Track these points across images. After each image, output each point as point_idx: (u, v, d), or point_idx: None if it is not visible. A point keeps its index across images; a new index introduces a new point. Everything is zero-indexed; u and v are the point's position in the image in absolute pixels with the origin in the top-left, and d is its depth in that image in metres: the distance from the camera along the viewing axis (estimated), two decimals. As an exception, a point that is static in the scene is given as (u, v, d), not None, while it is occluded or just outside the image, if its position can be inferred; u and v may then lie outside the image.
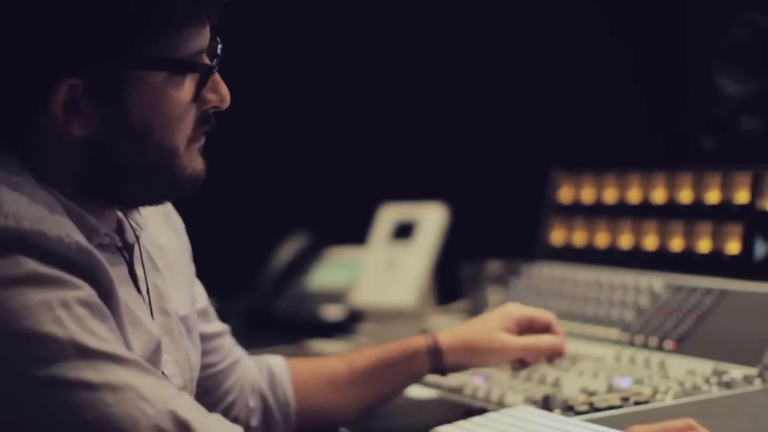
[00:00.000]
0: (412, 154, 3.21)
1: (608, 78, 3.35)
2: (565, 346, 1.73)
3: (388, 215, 2.79)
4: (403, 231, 2.74)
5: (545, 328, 1.74)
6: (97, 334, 1.21)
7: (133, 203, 1.42)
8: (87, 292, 1.24)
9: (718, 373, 1.71)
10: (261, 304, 2.78)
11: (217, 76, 1.37)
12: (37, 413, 1.18)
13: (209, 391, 1.64)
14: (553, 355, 1.73)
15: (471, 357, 1.71)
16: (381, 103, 3.21)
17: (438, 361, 1.70)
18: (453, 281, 2.60)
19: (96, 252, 1.27)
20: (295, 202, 3.11)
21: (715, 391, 1.64)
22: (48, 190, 1.30)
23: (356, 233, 2.87)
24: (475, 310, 2.44)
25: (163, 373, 1.41)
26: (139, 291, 1.42)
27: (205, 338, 1.60)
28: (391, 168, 3.18)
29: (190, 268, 1.59)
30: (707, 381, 1.68)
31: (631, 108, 3.39)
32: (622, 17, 3.43)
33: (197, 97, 1.34)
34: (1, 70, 1.31)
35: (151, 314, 1.42)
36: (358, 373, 1.72)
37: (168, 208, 1.58)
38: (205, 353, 1.59)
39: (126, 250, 1.42)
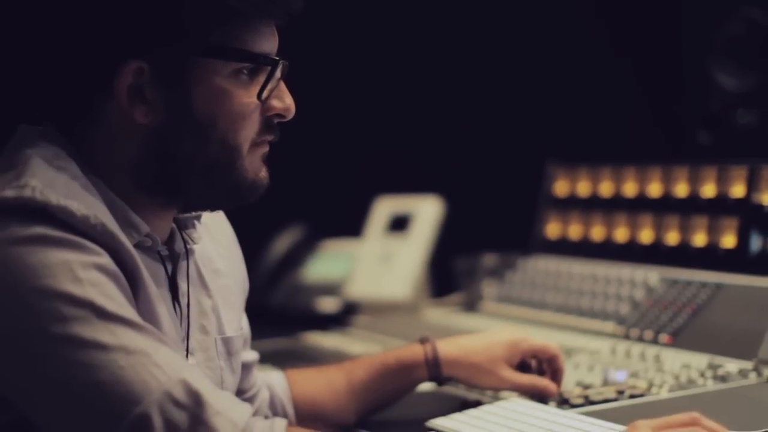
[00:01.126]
0: (408, 147, 3.21)
1: (604, 72, 3.35)
2: (556, 389, 1.66)
3: (384, 208, 2.79)
4: (399, 224, 2.73)
5: (549, 361, 1.70)
6: (115, 299, 1.21)
7: (192, 204, 1.40)
8: (107, 260, 1.23)
9: (713, 366, 1.71)
10: (256, 296, 2.75)
11: (282, 86, 1.37)
12: (51, 370, 1.18)
13: None
14: (544, 395, 1.67)
15: (468, 376, 1.69)
16: (376, 96, 3.20)
17: (436, 371, 1.69)
18: (448, 274, 2.60)
19: (123, 238, 1.26)
20: (291, 194, 3.10)
21: (711, 385, 1.64)
22: (93, 180, 1.30)
23: (351, 226, 2.87)
24: (470, 303, 2.44)
25: None
26: (177, 303, 1.40)
27: (242, 367, 1.57)
28: (386, 161, 3.18)
29: (242, 296, 1.58)
30: (702, 374, 1.69)
31: (627, 102, 3.38)
32: (618, 11, 3.43)
33: (261, 95, 1.33)
34: (69, 49, 1.31)
35: (188, 327, 1.41)
36: (357, 384, 1.71)
37: (233, 235, 1.58)
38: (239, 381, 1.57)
39: (171, 260, 1.40)
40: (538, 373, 1.69)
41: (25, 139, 1.31)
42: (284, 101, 1.38)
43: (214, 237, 1.52)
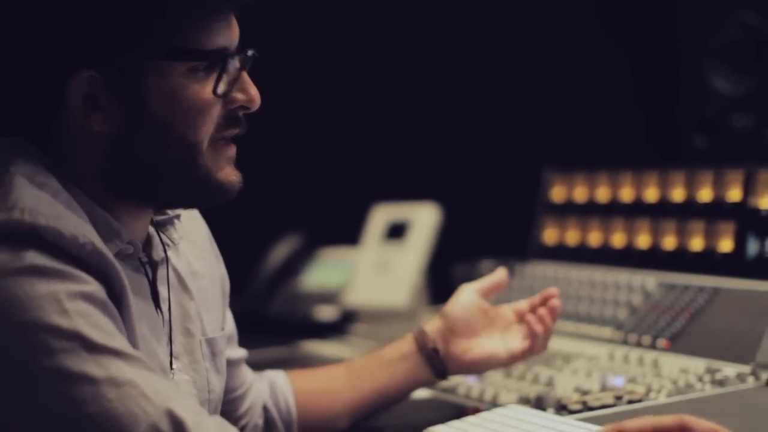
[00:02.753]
0: (405, 155, 3.21)
1: (600, 77, 3.35)
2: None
3: (381, 215, 2.79)
4: (396, 231, 2.73)
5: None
6: (103, 329, 1.21)
7: (164, 204, 1.41)
8: (95, 287, 1.23)
9: (711, 371, 1.71)
10: (254, 305, 2.78)
11: (245, 76, 1.37)
12: (39, 404, 1.18)
13: (225, 416, 1.63)
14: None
15: (455, 340, 1.71)
16: (373, 104, 3.21)
17: (425, 341, 1.70)
18: (446, 281, 2.59)
19: (111, 256, 1.26)
20: (288, 202, 3.11)
21: (709, 389, 1.64)
22: (73, 191, 1.30)
23: (349, 234, 2.87)
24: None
25: None
26: (159, 309, 1.41)
27: (228, 364, 1.59)
28: (383, 168, 3.18)
29: (224, 295, 1.59)
30: (700, 379, 1.68)
31: (623, 107, 3.39)
32: (613, 16, 3.43)
33: (216, 90, 1.33)
34: (19, 62, 1.31)
35: (170, 332, 1.42)
36: (355, 371, 1.73)
37: (208, 234, 1.58)
38: (227, 379, 1.58)
39: (151, 267, 1.41)
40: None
41: (1, 154, 1.31)
42: (248, 93, 1.37)
43: (189, 238, 1.52)
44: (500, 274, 1.78)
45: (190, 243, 1.52)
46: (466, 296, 1.74)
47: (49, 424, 1.18)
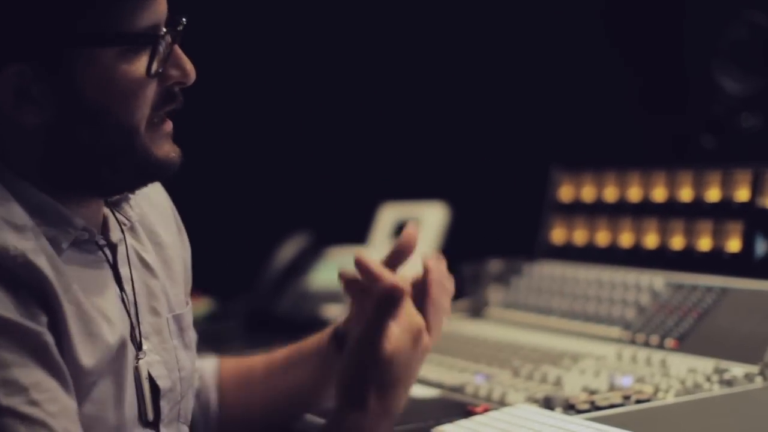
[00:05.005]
0: (412, 153, 3.21)
1: (608, 76, 3.35)
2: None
3: (389, 214, 2.79)
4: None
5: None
6: (15, 384, 1.19)
7: (110, 190, 1.40)
8: (33, 330, 1.22)
9: (719, 371, 1.71)
10: (262, 303, 2.78)
11: (177, 51, 1.34)
12: None
13: None
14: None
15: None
16: (381, 102, 3.21)
17: (337, 330, 1.59)
18: (454, 280, 2.59)
19: (39, 264, 1.25)
20: (296, 201, 3.11)
21: (717, 389, 1.64)
22: (19, 185, 1.30)
23: (357, 232, 2.87)
24: (476, 309, 2.44)
25: (149, 374, 1.40)
26: (123, 291, 1.40)
27: None
28: (391, 167, 3.18)
29: (186, 269, 1.56)
30: (708, 379, 1.68)
31: (631, 106, 3.38)
32: (621, 16, 3.43)
33: (150, 71, 1.30)
34: None
35: (137, 313, 1.41)
36: (274, 364, 1.68)
37: (171, 206, 1.57)
38: None
39: (110, 249, 1.40)
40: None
41: None
42: (182, 68, 1.34)
43: (154, 206, 1.51)
44: (405, 234, 1.60)
45: (156, 211, 1.51)
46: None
47: None
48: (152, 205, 1.51)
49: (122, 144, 1.31)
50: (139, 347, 1.40)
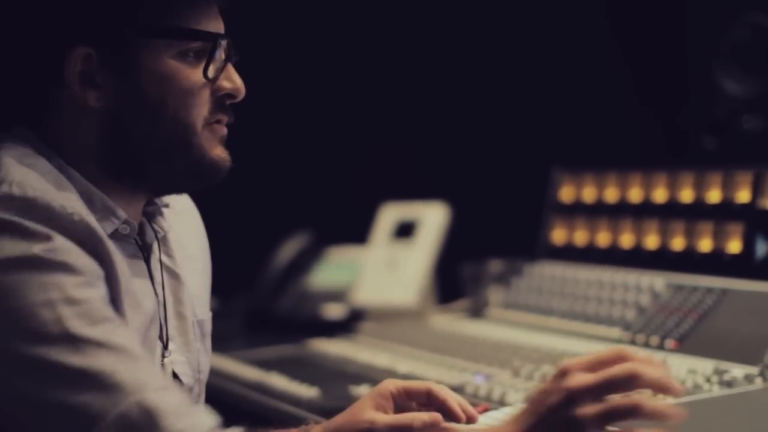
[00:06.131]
0: (413, 154, 3.21)
1: (610, 77, 3.35)
2: (441, 419, 1.39)
3: (389, 214, 2.79)
4: (404, 230, 2.73)
5: (425, 397, 1.43)
6: (88, 316, 1.23)
7: (157, 186, 1.43)
8: (84, 261, 1.26)
9: (719, 372, 1.71)
10: (262, 303, 2.78)
11: (230, 67, 1.41)
12: (13, 389, 1.20)
13: None
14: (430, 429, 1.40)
15: None
16: (382, 102, 3.21)
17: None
18: (454, 280, 2.60)
19: (101, 231, 1.29)
20: (297, 201, 3.11)
21: (716, 390, 1.64)
22: (68, 172, 1.34)
23: (357, 232, 2.87)
24: (476, 310, 2.44)
25: (173, 371, 1.44)
26: (155, 291, 1.44)
27: None
28: (392, 167, 3.18)
29: (209, 280, 1.62)
30: (708, 380, 1.68)
31: (633, 107, 3.38)
32: (623, 17, 3.43)
33: (206, 73, 1.36)
34: (15, 40, 1.35)
35: (165, 315, 1.45)
36: None
37: (200, 222, 1.62)
38: None
39: (144, 250, 1.44)
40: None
41: None
42: (233, 81, 1.41)
43: (184, 221, 1.56)
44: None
45: (186, 226, 1.57)
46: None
47: (19, 410, 1.21)
48: (183, 221, 1.56)
49: (178, 139, 1.37)
50: (165, 346, 1.45)
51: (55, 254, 1.23)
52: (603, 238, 2.28)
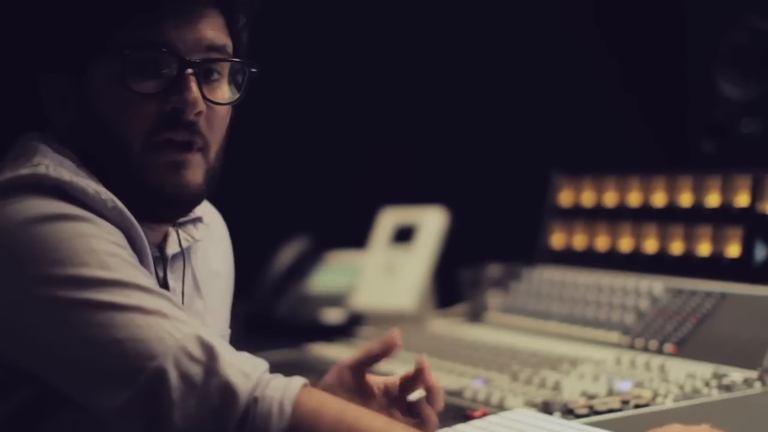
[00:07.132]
0: (412, 158, 3.21)
1: (608, 81, 3.35)
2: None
3: (388, 219, 2.79)
4: (403, 235, 2.73)
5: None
6: (131, 269, 1.26)
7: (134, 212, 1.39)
8: (119, 237, 1.28)
9: (718, 376, 1.71)
10: (261, 307, 2.78)
11: (190, 82, 1.33)
12: (70, 332, 1.22)
13: None
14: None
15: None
16: (381, 107, 3.21)
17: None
18: (453, 285, 2.60)
19: (132, 217, 1.31)
20: (296, 205, 3.11)
21: (715, 395, 1.64)
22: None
23: (356, 237, 2.87)
24: (475, 314, 2.44)
25: None
26: None
27: None
28: (391, 172, 3.18)
29: (231, 296, 1.63)
30: (707, 384, 1.68)
31: (632, 111, 3.39)
32: (622, 21, 3.43)
33: (124, 80, 1.32)
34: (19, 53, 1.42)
35: None
36: None
37: (229, 240, 1.63)
38: None
39: (162, 261, 1.43)
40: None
41: (29, 137, 1.37)
42: (183, 96, 1.33)
43: (213, 237, 1.55)
44: (384, 340, 1.53)
45: (214, 242, 1.56)
46: (340, 377, 1.57)
47: (80, 350, 1.22)
48: (213, 237, 1.56)
49: (116, 158, 1.34)
50: None
51: (89, 216, 1.26)
52: (602, 243, 2.28)
